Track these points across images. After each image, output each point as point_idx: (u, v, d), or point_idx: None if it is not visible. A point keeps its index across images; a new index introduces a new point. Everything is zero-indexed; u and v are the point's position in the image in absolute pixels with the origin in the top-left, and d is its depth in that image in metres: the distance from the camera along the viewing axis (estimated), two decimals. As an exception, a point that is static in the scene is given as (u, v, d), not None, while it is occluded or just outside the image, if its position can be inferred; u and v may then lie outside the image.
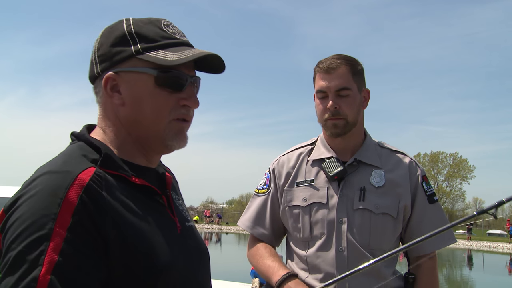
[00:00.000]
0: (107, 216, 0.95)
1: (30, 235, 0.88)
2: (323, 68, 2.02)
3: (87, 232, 0.92)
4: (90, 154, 1.04)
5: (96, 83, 1.13)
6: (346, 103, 2.00)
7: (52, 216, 0.90)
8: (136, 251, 0.98)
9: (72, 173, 0.96)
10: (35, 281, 0.84)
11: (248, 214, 2.23)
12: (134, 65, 1.08)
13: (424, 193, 2.05)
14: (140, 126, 1.10)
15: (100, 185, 0.97)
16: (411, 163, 2.08)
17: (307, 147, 2.18)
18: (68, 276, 0.87)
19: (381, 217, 1.96)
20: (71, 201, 0.92)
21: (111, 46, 1.10)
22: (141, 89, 1.08)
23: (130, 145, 1.12)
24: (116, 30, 1.11)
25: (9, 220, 0.93)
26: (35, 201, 0.92)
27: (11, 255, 0.88)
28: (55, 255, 0.87)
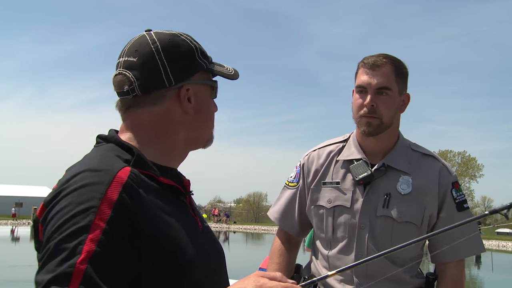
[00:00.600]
0: (143, 212, 1.01)
1: (71, 226, 0.94)
2: (368, 64, 1.97)
3: (125, 226, 0.97)
4: (122, 154, 1.10)
5: (156, 93, 1.17)
6: (384, 102, 1.95)
7: (92, 209, 0.95)
8: (167, 247, 1.03)
9: (112, 171, 1.02)
10: (72, 267, 0.89)
11: (278, 206, 2.25)
12: (200, 78, 1.23)
13: (453, 201, 1.98)
14: (196, 130, 1.24)
15: (137, 183, 1.04)
16: (441, 169, 2.02)
17: (338, 145, 2.14)
18: (103, 266, 0.92)
19: (404, 225, 1.92)
20: (111, 197, 0.97)
21: (184, 59, 1.19)
22: (204, 99, 1.24)
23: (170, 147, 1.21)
24: (181, 45, 1.20)
25: (51, 212, 0.98)
26: (76, 195, 0.98)
27: (52, 243, 0.93)
28: (93, 246, 0.92)
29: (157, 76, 1.15)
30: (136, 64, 1.16)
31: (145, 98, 1.17)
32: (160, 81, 1.16)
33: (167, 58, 1.16)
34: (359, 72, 2.01)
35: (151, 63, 1.15)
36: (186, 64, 1.19)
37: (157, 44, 1.17)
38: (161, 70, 1.15)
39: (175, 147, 1.21)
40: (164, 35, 1.20)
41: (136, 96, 1.16)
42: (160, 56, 1.16)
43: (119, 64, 1.19)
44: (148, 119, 1.18)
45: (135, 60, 1.16)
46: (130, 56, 1.17)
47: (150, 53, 1.16)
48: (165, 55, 1.16)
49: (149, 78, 1.15)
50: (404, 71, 2.04)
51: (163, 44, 1.17)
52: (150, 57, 1.16)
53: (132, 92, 1.16)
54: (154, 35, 1.19)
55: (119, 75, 1.18)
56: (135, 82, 1.15)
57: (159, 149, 1.19)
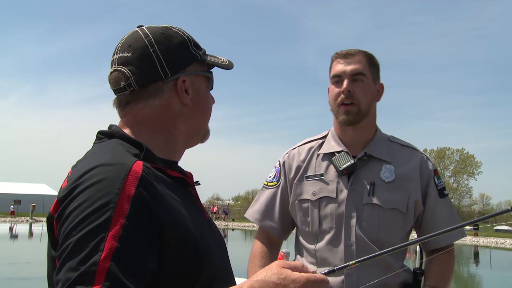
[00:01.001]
0: (160, 205, 1.01)
1: (91, 223, 0.92)
2: (341, 54, 2.04)
3: (144, 220, 0.96)
4: (130, 149, 1.10)
5: (154, 86, 1.17)
6: (360, 88, 2.00)
7: (111, 205, 0.94)
8: (185, 238, 1.04)
9: (126, 165, 1.01)
10: (96, 265, 0.87)
11: (257, 206, 2.23)
12: (195, 69, 1.23)
13: (436, 187, 2.05)
14: (195, 122, 1.25)
15: (151, 176, 1.03)
16: (422, 158, 2.08)
17: (317, 141, 2.17)
18: (126, 263, 0.90)
19: (390, 212, 1.96)
20: (128, 191, 0.96)
21: (178, 51, 1.20)
22: (202, 90, 1.25)
23: (171, 141, 1.22)
24: (175, 37, 1.21)
25: (67, 209, 0.97)
26: (93, 191, 0.96)
27: (71, 241, 0.91)
28: (115, 242, 0.90)
29: (153, 69, 1.16)
30: (131, 58, 1.16)
31: (143, 92, 1.17)
32: (156, 73, 1.16)
33: (161, 51, 1.17)
34: (333, 64, 2.08)
35: (145, 56, 1.16)
36: (180, 55, 1.20)
37: (150, 38, 1.18)
38: (156, 62, 1.16)
39: (175, 140, 1.22)
40: (156, 28, 1.21)
41: (133, 91, 1.16)
42: (154, 49, 1.17)
43: (114, 61, 1.19)
44: (148, 113, 1.18)
45: (129, 55, 1.17)
46: (124, 52, 1.18)
47: (144, 46, 1.17)
48: (159, 48, 1.17)
49: (145, 72, 1.16)
50: (376, 62, 2.11)
51: (156, 37, 1.18)
52: (144, 50, 1.16)
53: (129, 87, 1.16)
54: (147, 29, 1.20)
55: (114, 72, 1.18)
56: (131, 77, 1.15)
57: (161, 143, 1.19)
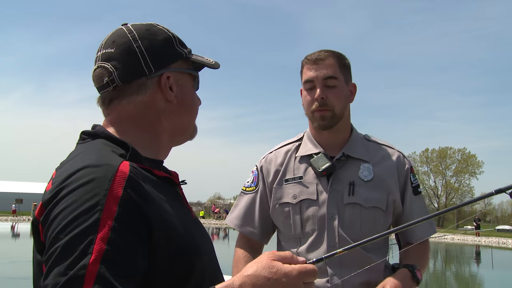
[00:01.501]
0: (148, 205, 0.99)
1: (79, 225, 0.90)
2: (311, 60, 2.03)
3: (133, 221, 0.94)
4: (116, 149, 1.08)
5: (138, 81, 1.15)
6: (333, 93, 2.00)
7: (99, 206, 0.92)
8: (175, 237, 1.02)
9: (113, 166, 0.99)
10: (85, 268, 0.85)
11: (236, 212, 2.21)
12: (180, 66, 1.22)
13: (411, 185, 2.07)
14: (180, 120, 1.23)
15: (138, 177, 1.01)
16: (399, 157, 2.09)
17: (294, 144, 2.17)
18: (116, 265, 0.88)
19: (371, 210, 1.97)
20: (116, 192, 0.94)
21: (163, 47, 1.18)
22: (187, 88, 1.23)
23: (156, 139, 1.20)
24: (159, 34, 1.20)
25: (52, 212, 0.94)
26: (80, 193, 0.94)
27: (59, 244, 0.89)
28: (104, 244, 0.88)
29: (137, 64, 1.14)
30: (114, 54, 1.15)
31: (127, 88, 1.15)
32: (139, 69, 1.14)
33: (145, 46, 1.15)
34: (304, 69, 2.06)
35: (129, 52, 1.14)
36: (165, 52, 1.18)
37: (134, 33, 1.16)
38: (140, 58, 1.14)
39: (160, 138, 1.20)
40: (141, 25, 1.20)
41: (117, 87, 1.15)
42: (138, 44, 1.15)
43: (97, 58, 1.18)
44: (132, 110, 1.16)
45: (112, 51, 1.15)
46: (107, 48, 1.16)
47: (128, 42, 1.15)
48: (143, 43, 1.16)
49: (129, 67, 1.14)
50: (347, 62, 2.09)
51: (140, 33, 1.17)
52: (128, 46, 1.15)
53: (112, 83, 1.14)
54: (131, 26, 1.19)
55: (98, 69, 1.16)
56: (114, 72, 1.14)
57: (146, 142, 1.17)
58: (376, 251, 1.99)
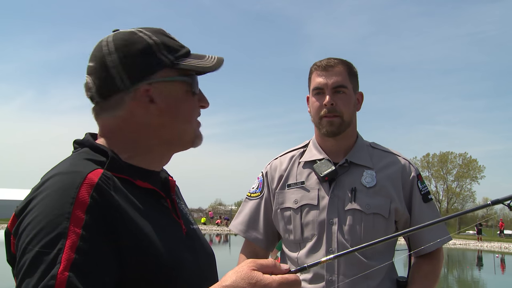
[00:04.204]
0: (116, 214, 0.97)
1: (46, 235, 0.90)
2: (321, 66, 2.04)
3: (101, 229, 0.94)
4: (96, 157, 1.07)
5: (115, 97, 1.11)
6: (342, 100, 2.01)
7: (66, 215, 0.91)
8: (146, 250, 1.00)
9: (82, 173, 0.98)
10: (54, 278, 0.85)
11: (241, 217, 2.21)
12: (167, 75, 1.14)
13: (419, 192, 2.04)
14: (173, 130, 1.16)
15: (109, 185, 0.99)
16: (404, 164, 2.07)
17: (299, 150, 2.19)
18: (86, 273, 0.88)
19: (372, 217, 1.95)
20: (83, 200, 0.94)
21: (139, 58, 1.11)
22: (176, 97, 1.15)
23: (144, 151, 1.15)
24: (137, 43, 1.12)
25: (22, 223, 0.95)
26: (47, 202, 0.94)
27: (28, 256, 0.89)
28: (72, 253, 0.88)
29: (111, 79, 1.10)
30: (93, 68, 1.12)
31: (106, 104, 1.12)
32: (113, 84, 1.10)
33: (120, 60, 1.10)
34: (313, 76, 2.08)
35: (103, 66, 1.10)
36: (142, 64, 1.11)
37: (110, 46, 1.11)
38: (114, 72, 1.09)
39: (150, 150, 1.16)
40: (121, 34, 1.14)
41: (98, 102, 1.13)
42: (111, 58, 1.10)
43: (86, 69, 1.16)
44: (113, 124, 1.13)
45: (92, 64, 1.12)
46: (90, 61, 1.14)
47: (102, 56, 1.11)
48: (117, 56, 1.10)
49: (104, 82, 1.10)
50: (355, 71, 2.11)
51: (117, 44, 1.11)
52: (102, 60, 1.11)
53: (92, 98, 1.13)
54: (112, 36, 1.14)
55: (85, 81, 1.15)
56: (93, 87, 1.12)
57: (133, 153, 1.13)
58: (376, 259, 1.96)
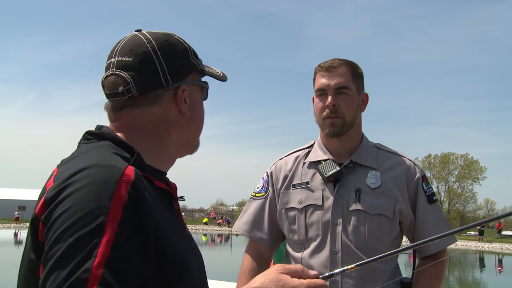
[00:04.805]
0: (149, 213, 0.97)
1: (83, 228, 0.88)
2: (324, 67, 2.04)
3: (136, 227, 0.93)
4: (121, 153, 1.05)
5: (154, 93, 1.13)
6: (344, 101, 2.01)
7: (104, 209, 0.90)
8: (171, 250, 1.00)
9: (119, 168, 0.97)
10: (88, 272, 0.84)
11: (245, 217, 2.22)
12: (194, 78, 1.20)
13: (424, 193, 2.04)
14: (189, 133, 1.22)
15: (142, 183, 0.99)
16: (409, 165, 2.07)
17: (304, 150, 2.18)
18: (119, 270, 0.87)
19: (377, 218, 1.95)
20: (121, 196, 0.92)
21: (181, 59, 1.17)
22: (197, 100, 1.22)
23: (162, 150, 1.18)
24: (177, 45, 1.18)
25: (55, 211, 0.92)
26: (85, 193, 0.92)
27: (61, 246, 0.87)
28: (108, 249, 0.87)
29: (155, 76, 1.12)
30: (132, 63, 1.12)
31: (142, 99, 1.13)
32: (158, 81, 1.12)
33: (164, 58, 1.13)
34: (317, 77, 2.08)
35: (148, 62, 1.12)
36: (182, 64, 1.17)
37: (153, 43, 1.13)
38: (159, 69, 1.12)
39: (167, 149, 1.18)
40: (158, 34, 1.17)
41: (132, 96, 1.12)
42: (157, 56, 1.13)
43: (111, 64, 1.14)
44: (144, 120, 1.14)
45: (130, 59, 1.12)
46: (124, 56, 1.13)
47: (147, 52, 1.12)
48: (162, 55, 1.13)
49: (147, 78, 1.11)
50: (360, 72, 2.10)
51: (159, 43, 1.14)
52: (147, 56, 1.12)
53: (128, 92, 1.11)
54: (148, 34, 1.16)
55: (112, 76, 1.13)
56: (131, 82, 1.11)
57: (152, 151, 1.15)
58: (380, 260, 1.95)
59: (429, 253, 2.04)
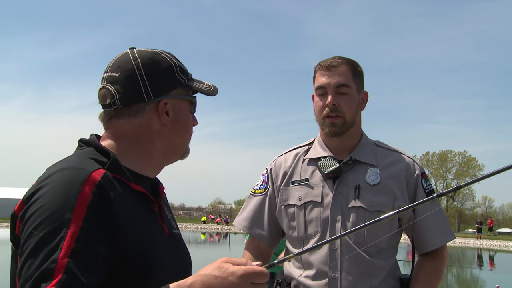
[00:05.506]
0: (114, 211, 1.10)
1: (51, 224, 1.02)
2: (324, 66, 2.04)
3: (99, 223, 1.06)
4: (99, 158, 1.19)
5: (136, 106, 1.26)
6: (345, 101, 2.01)
7: (70, 207, 1.04)
8: (135, 247, 1.13)
9: (86, 170, 1.11)
10: (55, 262, 0.98)
11: (245, 214, 2.23)
12: (179, 93, 1.32)
13: (424, 190, 2.05)
14: (173, 142, 1.33)
15: (108, 185, 1.12)
16: (408, 162, 2.08)
17: (304, 147, 2.19)
18: (83, 260, 1.01)
19: (376, 214, 1.95)
20: (86, 195, 1.06)
21: (164, 75, 1.29)
22: (183, 113, 1.33)
23: (145, 157, 1.30)
24: (162, 62, 1.30)
25: (29, 209, 1.07)
26: (54, 194, 1.06)
27: (32, 241, 1.01)
28: (73, 242, 1.01)
29: (137, 90, 1.25)
30: (118, 79, 1.26)
31: (126, 110, 1.26)
32: (139, 95, 1.25)
33: (147, 75, 1.26)
34: (317, 75, 2.08)
35: (132, 78, 1.25)
36: (165, 80, 1.29)
37: (138, 61, 1.27)
38: (141, 85, 1.25)
39: (151, 156, 1.30)
40: (146, 53, 1.30)
41: (117, 108, 1.26)
42: (141, 72, 1.26)
43: (103, 78, 1.29)
44: (127, 129, 1.27)
45: (117, 75, 1.26)
46: (113, 71, 1.27)
47: (132, 69, 1.26)
48: (145, 72, 1.26)
49: (130, 93, 1.25)
50: (360, 70, 2.11)
51: (144, 61, 1.27)
52: (131, 73, 1.26)
53: (113, 104, 1.26)
54: (136, 52, 1.29)
55: (103, 89, 1.28)
56: (116, 95, 1.25)
57: (135, 158, 1.28)
58: (380, 256, 1.98)
59: (428, 249, 2.05)
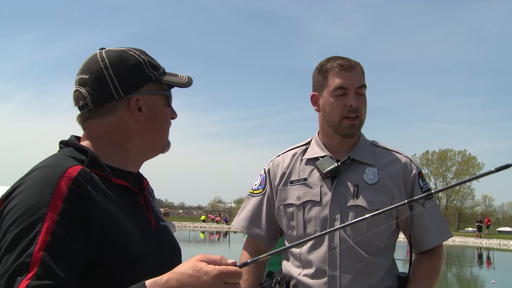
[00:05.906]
0: (90, 206, 1.12)
1: (27, 219, 1.05)
2: (344, 66, 2.02)
3: (75, 217, 1.08)
4: (78, 156, 1.22)
5: (108, 105, 1.29)
6: (363, 102, 2.04)
7: (45, 203, 1.06)
8: (116, 239, 1.14)
9: (62, 167, 1.13)
10: (30, 256, 1.00)
11: (243, 214, 2.23)
12: (151, 88, 1.34)
13: (421, 190, 2.05)
14: (150, 137, 1.34)
15: (86, 180, 1.14)
16: (406, 162, 2.08)
17: (301, 147, 2.20)
18: (58, 254, 1.03)
19: None
20: (61, 190, 1.08)
21: (132, 73, 1.30)
22: (158, 108, 1.35)
23: (124, 153, 1.33)
24: (130, 60, 1.31)
25: (7, 207, 1.09)
26: (30, 190, 1.09)
27: (9, 236, 1.04)
28: (48, 236, 1.03)
29: (107, 90, 1.28)
30: (88, 80, 1.29)
31: (99, 111, 1.29)
32: (109, 94, 1.28)
33: (115, 73, 1.28)
34: (333, 76, 2.03)
35: (100, 79, 1.28)
36: (134, 77, 1.30)
37: (105, 61, 1.29)
38: (110, 84, 1.28)
39: (130, 153, 1.33)
40: (114, 52, 1.32)
41: (91, 109, 1.29)
42: (109, 72, 1.28)
43: (76, 81, 1.32)
44: (103, 129, 1.30)
45: (87, 77, 1.29)
46: (83, 73, 1.30)
47: (99, 70, 1.29)
48: (113, 71, 1.28)
49: (100, 93, 1.28)
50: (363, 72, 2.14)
51: (111, 60, 1.30)
52: (99, 73, 1.28)
53: (86, 106, 1.29)
54: (104, 53, 1.31)
55: (76, 92, 1.31)
56: (88, 97, 1.28)
57: (115, 155, 1.30)
58: (379, 255, 1.98)
59: (425, 248, 2.06)
